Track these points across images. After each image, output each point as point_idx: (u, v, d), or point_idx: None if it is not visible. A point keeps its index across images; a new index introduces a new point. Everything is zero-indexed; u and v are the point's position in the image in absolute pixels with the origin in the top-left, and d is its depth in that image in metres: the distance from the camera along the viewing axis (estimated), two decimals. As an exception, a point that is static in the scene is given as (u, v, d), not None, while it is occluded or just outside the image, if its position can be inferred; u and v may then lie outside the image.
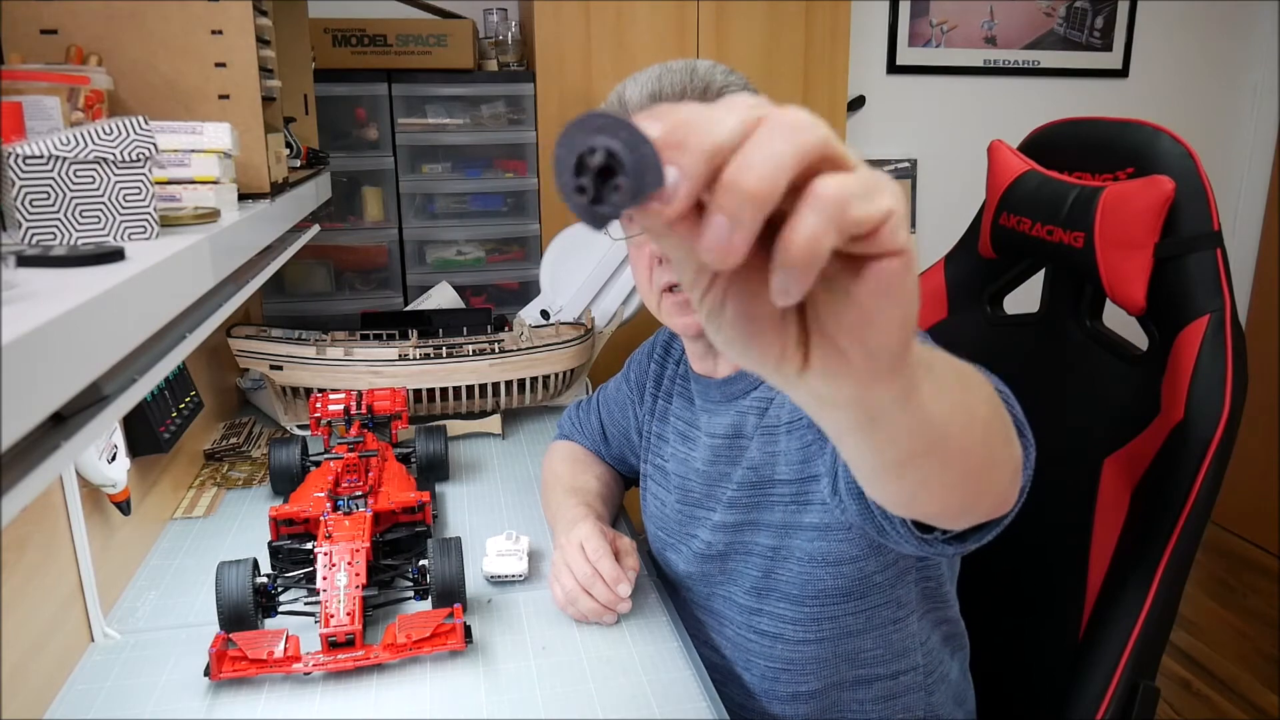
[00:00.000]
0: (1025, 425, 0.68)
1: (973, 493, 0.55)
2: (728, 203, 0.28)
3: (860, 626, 0.92)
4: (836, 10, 2.05)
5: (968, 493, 0.54)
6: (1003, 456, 0.54)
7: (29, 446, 0.43)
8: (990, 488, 0.56)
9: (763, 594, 0.94)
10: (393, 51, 1.90)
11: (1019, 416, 0.68)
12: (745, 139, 0.28)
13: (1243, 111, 2.89)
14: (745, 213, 0.28)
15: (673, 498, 1.05)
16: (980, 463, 0.51)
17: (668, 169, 0.28)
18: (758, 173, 0.27)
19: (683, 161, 0.28)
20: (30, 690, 0.82)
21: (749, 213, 0.28)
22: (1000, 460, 0.54)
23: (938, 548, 0.69)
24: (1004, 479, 0.56)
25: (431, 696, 0.86)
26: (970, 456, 0.49)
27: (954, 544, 0.68)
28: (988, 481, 0.54)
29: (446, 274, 2.00)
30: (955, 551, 0.70)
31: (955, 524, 0.63)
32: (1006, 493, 0.59)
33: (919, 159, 2.67)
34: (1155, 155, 0.98)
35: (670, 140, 0.28)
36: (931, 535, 0.68)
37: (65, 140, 0.59)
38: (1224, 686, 2.16)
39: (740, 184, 0.27)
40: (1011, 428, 0.56)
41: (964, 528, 0.65)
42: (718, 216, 0.28)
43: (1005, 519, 0.65)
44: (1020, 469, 0.59)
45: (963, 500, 0.56)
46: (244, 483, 1.33)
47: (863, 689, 0.95)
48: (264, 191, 0.97)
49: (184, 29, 0.89)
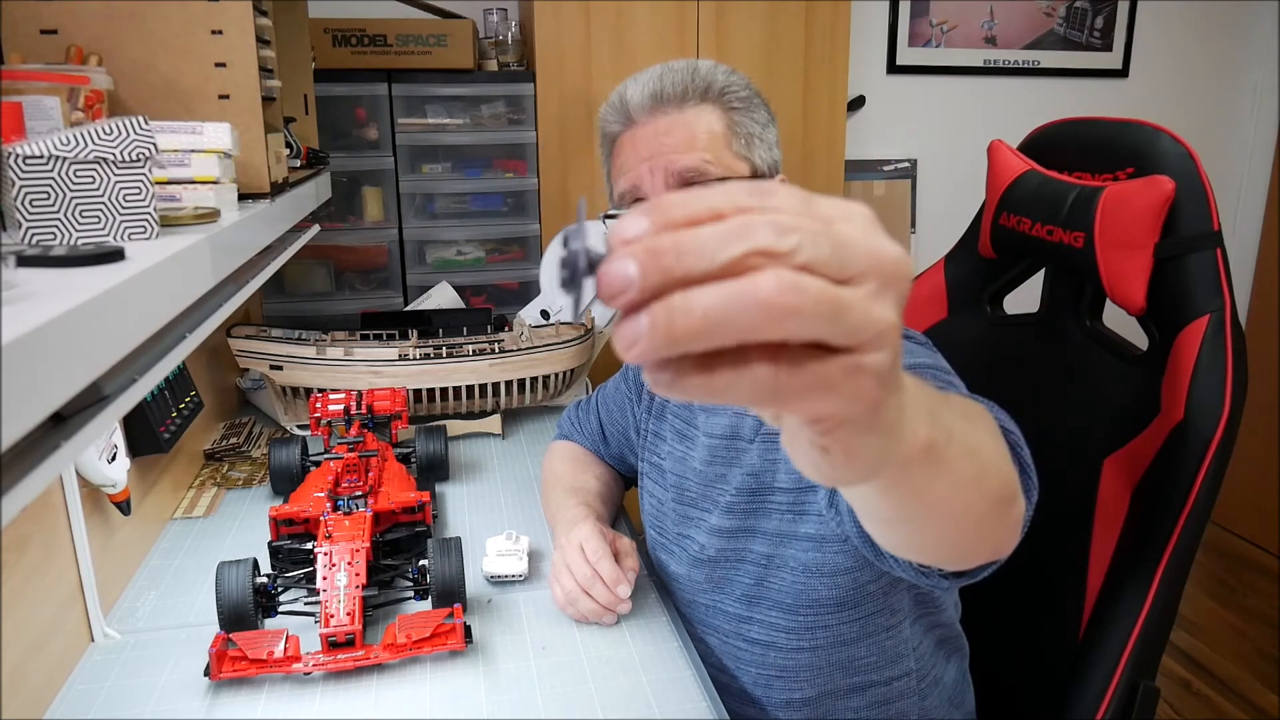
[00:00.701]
0: (1030, 466, 0.66)
1: (976, 543, 0.54)
2: (658, 322, 0.26)
3: (854, 635, 0.92)
4: (836, 10, 2.05)
5: (972, 543, 0.54)
6: (1009, 508, 0.53)
7: (29, 446, 0.43)
8: (994, 538, 0.55)
9: (754, 602, 0.94)
10: (393, 51, 1.90)
11: (1025, 458, 0.66)
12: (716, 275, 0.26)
13: (1243, 111, 2.88)
14: (663, 344, 0.26)
15: (669, 496, 1.04)
16: (985, 516, 0.50)
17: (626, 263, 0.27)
18: (694, 323, 0.26)
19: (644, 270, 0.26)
20: (30, 690, 0.82)
21: (665, 346, 0.26)
22: (1006, 512, 0.52)
23: (935, 581, 0.68)
24: (1008, 529, 0.55)
25: (431, 696, 0.86)
26: (975, 512, 0.48)
27: (951, 579, 0.67)
28: (992, 532, 0.53)
29: (446, 274, 2.00)
30: (952, 585, 0.69)
31: (956, 567, 0.62)
32: (1004, 543, 0.57)
33: (919, 159, 2.67)
34: (1155, 155, 0.98)
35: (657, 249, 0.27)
36: (930, 570, 0.67)
37: (65, 140, 0.59)
38: (1224, 686, 2.16)
39: (674, 323, 0.26)
40: (1018, 491, 0.54)
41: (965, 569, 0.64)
42: (643, 319, 0.27)
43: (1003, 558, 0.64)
44: (1020, 521, 0.58)
45: (966, 549, 0.55)
46: (244, 483, 1.33)
47: (856, 696, 0.95)
48: (264, 191, 0.97)
49: (184, 29, 0.89)
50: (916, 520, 0.45)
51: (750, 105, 0.92)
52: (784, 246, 0.26)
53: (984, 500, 0.48)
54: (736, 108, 0.91)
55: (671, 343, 0.26)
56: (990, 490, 0.48)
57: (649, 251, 0.26)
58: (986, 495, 0.48)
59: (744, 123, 0.91)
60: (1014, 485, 0.53)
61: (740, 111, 0.91)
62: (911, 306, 1.28)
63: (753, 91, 0.94)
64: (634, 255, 0.26)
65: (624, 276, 0.26)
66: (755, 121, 0.92)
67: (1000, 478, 0.50)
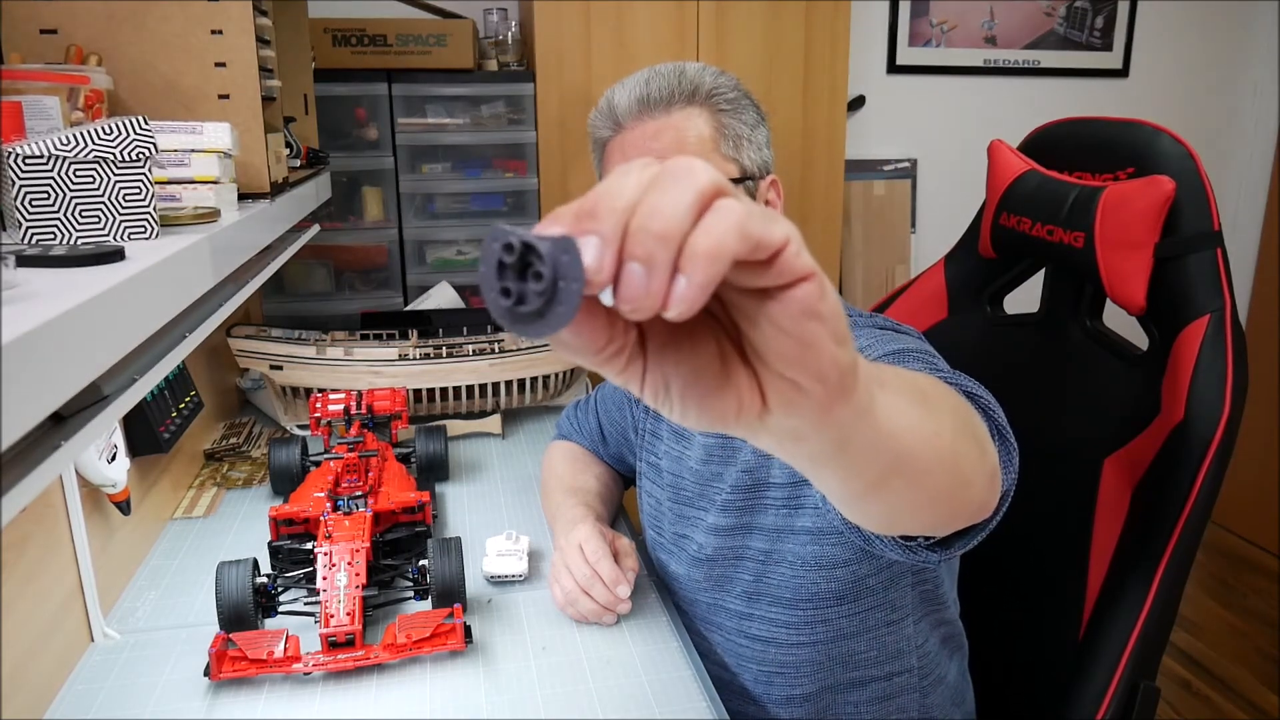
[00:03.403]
0: (1007, 429, 0.67)
1: (948, 506, 0.55)
2: (639, 248, 0.28)
3: (854, 629, 0.92)
4: (836, 10, 2.05)
5: (944, 507, 0.54)
6: (975, 466, 0.54)
7: (29, 446, 0.43)
8: (966, 498, 0.55)
9: (754, 598, 0.94)
10: (393, 51, 1.90)
11: (1000, 421, 0.67)
12: (645, 192, 0.29)
13: (1243, 111, 2.88)
14: (658, 254, 0.28)
15: (666, 495, 1.05)
16: (952, 476, 0.50)
17: (586, 241, 0.29)
18: (662, 214, 0.28)
19: (598, 227, 0.29)
20: (30, 690, 0.82)
21: (660, 253, 0.28)
22: (973, 470, 0.53)
23: (922, 555, 0.69)
24: (979, 488, 0.56)
25: (431, 696, 0.86)
26: (940, 470, 0.48)
27: (938, 550, 0.68)
28: (962, 493, 0.54)
29: (446, 274, 2.00)
30: (940, 558, 0.69)
31: (936, 533, 0.63)
32: (984, 501, 0.58)
33: (919, 159, 2.67)
34: (1155, 155, 0.98)
35: (581, 212, 0.29)
36: (914, 543, 0.68)
37: (65, 140, 0.59)
38: (1224, 686, 2.16)
39: (647, 227, 0.28)
40: (985, 435, 0.56)
41: (946, 534, 0.64)
42: (631, 265, 0.29)
43: (990, 524, 0.65)
44: (997, 475, 0.59)
45: (940, 514, 0.56)
46: (244, 483, 1.33)
47: (857, 691, 0.95)
48: (264, 191, 0.97)
49: (184, 29, 0.89)
50: (889, 476, 0.45)
51: (739, 106, 0.92)
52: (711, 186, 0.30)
53: (948, 438, 0.49)
54: (724, 109, 0.91)
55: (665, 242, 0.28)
56: (949, 429, 0.49)
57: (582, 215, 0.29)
58: (945, 433, 0.49)
59: (732, 124, 0.91)
60: (980, 429, 0.55)
61: (728, 113, 0.91)
62: (912, 306, 1.28)
63: (741, 93, 0.93)
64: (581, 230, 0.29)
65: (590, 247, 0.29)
66: (743, 123, 0.92)
67: (958, 417, 0.52)
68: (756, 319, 0.32)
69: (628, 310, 0.29)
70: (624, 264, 0.29)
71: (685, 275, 0.29)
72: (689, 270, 0.29)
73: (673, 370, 0.34)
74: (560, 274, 0.28)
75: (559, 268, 0.28)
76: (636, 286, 0.29)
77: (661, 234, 0.28)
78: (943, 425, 0.48)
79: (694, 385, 0.34)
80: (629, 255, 0.29)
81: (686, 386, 0.34)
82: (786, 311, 0.31)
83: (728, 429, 0.36)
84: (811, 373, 0.33)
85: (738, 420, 0.35)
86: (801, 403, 0.34)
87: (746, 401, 0.34)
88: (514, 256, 0.29)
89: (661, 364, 0.34)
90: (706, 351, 0.34)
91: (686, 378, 0.34)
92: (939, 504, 0.53)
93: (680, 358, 0.33)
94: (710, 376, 0.34)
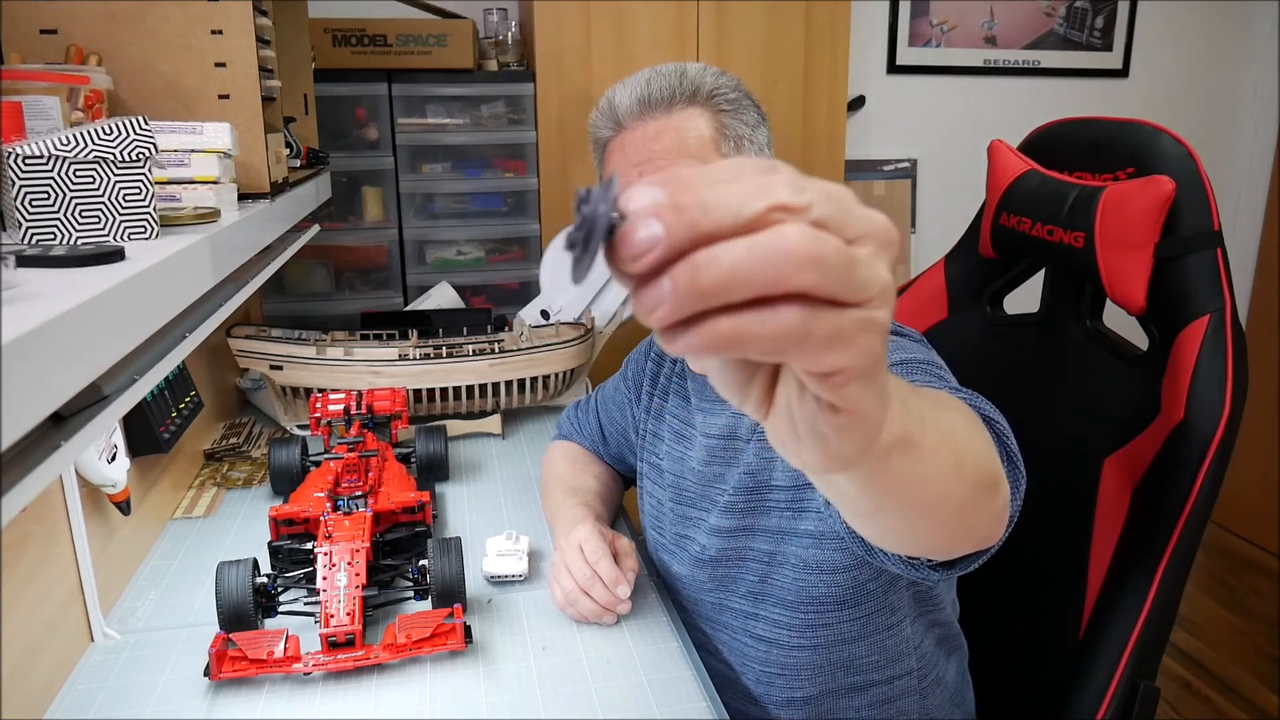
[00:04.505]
0: (1017, 455, 0.66)
1: (958, 533, 0.54)
2: (680, 281, 0.27)
3: (855, 634, 0.92)
4: (836, 10, 2.05)
5: (953, 533, 0.54)
6: (990, 498, 0.53)
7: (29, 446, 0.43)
8: (975, 527, 0.55)
9: (759, 599, 0.94)
10: (393, 51, 1.90)
11: (1011, 447, 0.66)
12: (742, 228, 0.27)
13: (1243, 111, 2.88)
14: (686, 302, 0.27)
15: (667, 496, 1.05)
16: (965, 506, 0.50)
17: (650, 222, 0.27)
18: (720, 276, 0.26)
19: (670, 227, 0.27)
20: (30, 690, 0.82)
21: (689, 304, 0.27)
22: (988, 502, 0.53)
23: (924, 573, 0.68)
24: (991, 519, 0.55)
25: (431, 696, 0.86)
26: (955, 502, 0.48)
27: (940, 570, 0.67)
28: (973, 522, 0.54)
29: (446, 274, 2.00)
30: (941, 577, 0.69)
31: (941, 558, 0.63)
32: (992, 529, 0.58)
33: (919, 159, 2.67)
34: (1155, 155, 0.98)
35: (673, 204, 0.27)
36: (918, 561, 0.67)
37: (65, 140, 0.59)
38: (1224, 686, 2.16)
39: (699, 278, 0.26)
40: (999, 471, 0.55)
41: (950, 559, 0.64)
42: (665, 281, 0.27)
43: (993, 548, 0.64)
44: (1008, 505, 0.58)
45: (948, 540, 0.56)
46: (244, 483, 1.33)
47: (858, 695, 0.95)
48: (264, 191, 0.97)
49: (184, 29, 0.89)
50: (897, 511, 0.45)
51: (739, 107, 0.92)
52: (800, 202, 0.27)
53: (962, 486, 0.48)
54: (725, 110, 0.91)
55: (696, 298, 0.27)
56: (968, 476, 0.49)
57: (674, 209, 0.27)
58: (965, 481, 0.48)
59: (733, 125, 0.91)
60: (995, 471, 0.54)
61: (729, 114, 0.91)
62: (912, 306, 1.28)
63: (742, 93, 0.93)
64: (658, 214, 0.26)
65: (649, 236, 0.27)
66: (744, 123, 0.92)
67: (979, 463, 0.51)
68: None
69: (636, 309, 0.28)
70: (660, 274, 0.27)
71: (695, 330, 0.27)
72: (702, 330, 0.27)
73: None
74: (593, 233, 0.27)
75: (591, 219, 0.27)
76: (653, 301, 0.27)
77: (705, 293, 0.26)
78: (965, 459, 0.48)
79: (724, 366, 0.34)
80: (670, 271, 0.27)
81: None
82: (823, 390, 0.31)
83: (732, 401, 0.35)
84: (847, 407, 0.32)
85: (740, 409, 0.35)
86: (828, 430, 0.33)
87: (751, 399, 0.34)
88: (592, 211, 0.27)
89: None
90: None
91: None
92: (947, 530, 0.53)
93: None
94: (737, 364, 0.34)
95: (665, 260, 0.27)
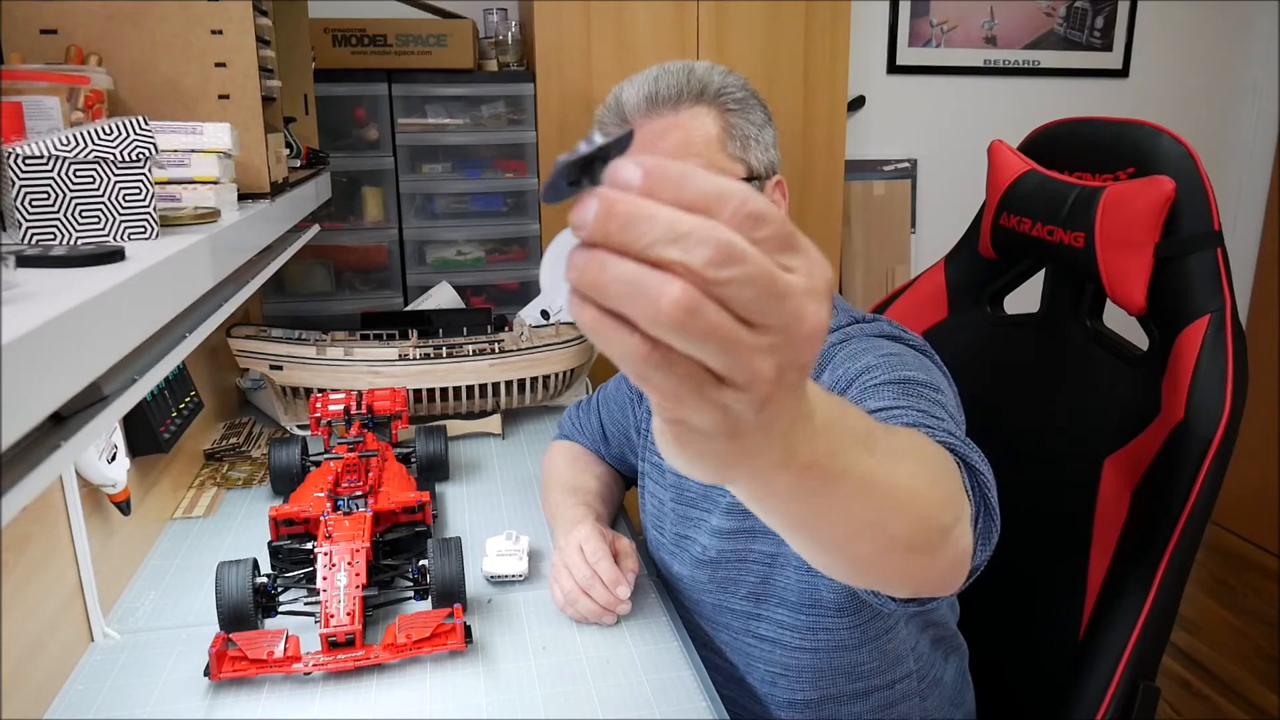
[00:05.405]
0: (995, 506, 0.64)
1: (872, 583, 0.54)
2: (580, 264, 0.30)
3: (854, 641, 0.92)
4: (836, 10, 2.05)
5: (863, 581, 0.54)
6: (915, 565, 0.51)
7: (29, 446, 0.43)
8: (900, 584, 0.55)
9: (761, 599, 0.94)
10: (393, 51, 1.90)
11: (990, 498, 0.64)
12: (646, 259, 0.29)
13: (1243, 111, 2.88)
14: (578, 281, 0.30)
15: (669, 496, 1.04)
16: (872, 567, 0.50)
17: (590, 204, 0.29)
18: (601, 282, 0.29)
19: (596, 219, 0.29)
20: (30, 690, 0.82)
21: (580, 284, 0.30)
22: (911, 567, 0.51)
23: (882, 600, 0.67)
24: (923, 577, 0.54)
25: (431, 696, 0.86)
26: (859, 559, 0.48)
27: (900, 605, 0.66)
28: (890, 580, 0.53)
29: (446, 274, 2.00)
30: (898, 608, 0.67)
31: (893, 594, 0.62)
32: (930, 586, 0.56)
33: (919, 159, 2.67)
34: (1155, 155, 0.98)
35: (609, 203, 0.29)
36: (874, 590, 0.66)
37: (65, 140, 0.59)
38: (1224, 686, 2.16)
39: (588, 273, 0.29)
40: (949, 535, 0.52)
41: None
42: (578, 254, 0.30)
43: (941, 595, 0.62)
44: (957, 566, 0.56)
45: (860, 583, 0.55)
46: (244, 483, 1.33)
47: (859, 701, 0.95)
48: (264, 191, 0.97)
49: (184, 29, 0.89)
50: (804, 541, 0.45)
51: (746, 106, 0.92)
52: (711, 275, 0.28)
53: (880, 543, 0.47)
54: (732, 109, 0.91)
55: (582, 285, 0.29)
56: (895, 536, 0.47)
57: (606, 207, 0.29)
58: (887, 539, 0.47)
59: (740, 124, 0.91)
60: (937, 531, 0.51)
61: (736, 113, 0.91)
62: (912, 307, 1.28)
63: (749, 92, 0.93)
64: (600, 200, 0.29)
65: (583, 215, 0.29)
66: (751, 123, 0.92)
67: (915, 525, 0.48)
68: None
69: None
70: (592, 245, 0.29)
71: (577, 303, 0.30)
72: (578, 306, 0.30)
73: None
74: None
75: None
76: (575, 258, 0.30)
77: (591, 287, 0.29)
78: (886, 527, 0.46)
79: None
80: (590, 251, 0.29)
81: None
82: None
83: None
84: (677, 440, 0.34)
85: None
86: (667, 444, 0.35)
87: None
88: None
89: None
90: None
91: None
92: (860, 577, 0.53)
93: None
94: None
95: (589, 241, 0.29)
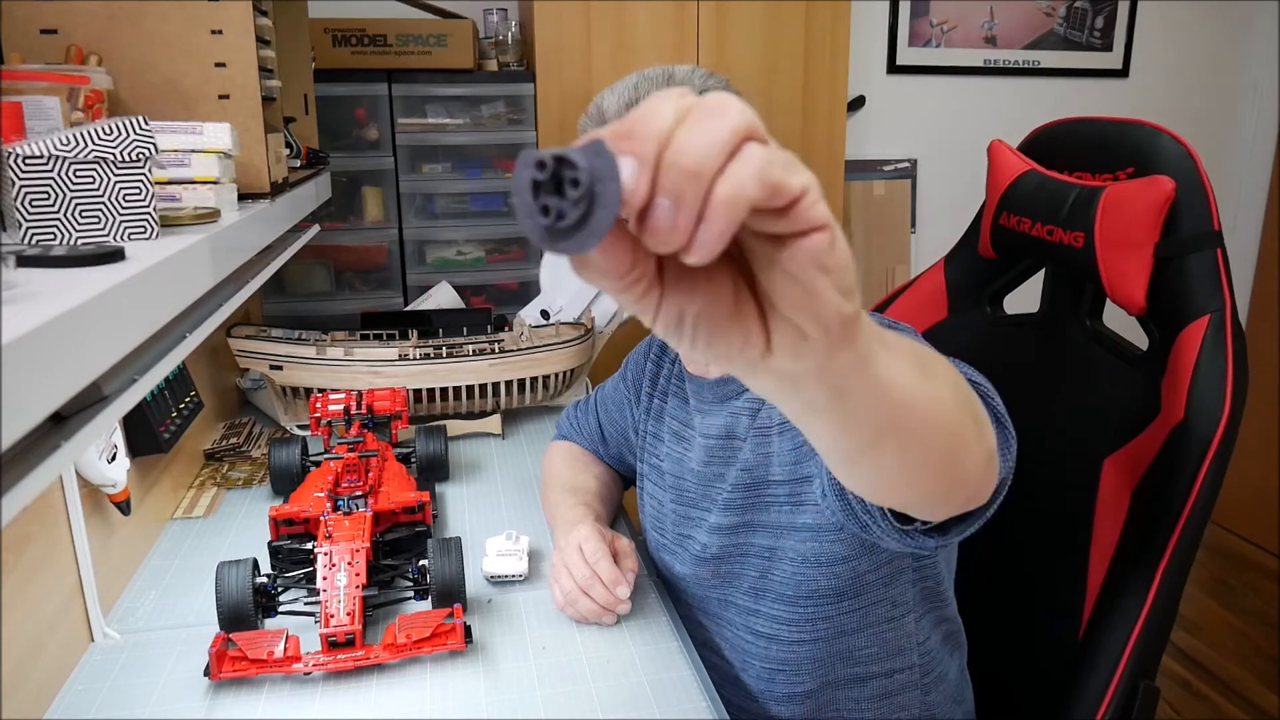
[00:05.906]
0: (1005, 417, 0.68)
1: (944, 478, 0.55)
2: (669, 181, 0.29)
3: (854, 625, 0.92)
4: (836, 10, 2.05)
5: (937, 478, 0.54)
6: (972, 439, 0.54)
7: (29, 446, 0.43)
8: (962, 474, 0.56)
9: (760, 594, 0.94)
10: (393, 51, 1.90)
11: (998, 408, 0.68)
12: (680, 124, 0.30)
13: (1243, 111, 2.88)
14: (686, 190, 0.29)
15: (668, 497, 1.05)
16: (946, 444, 0.51)
17: (623, 160, 0.29)
18: (695, 151, 0.29)
19: (635, 148, 0.29)
20: (30, 690, 0.82)
21: (689, 190, 0.29)
22: (970, 444, 0.54)
23: (918, 540, 0.69)
24: (977, 465, 0.56)
25: (431, 696, 0.86)
26: (935, 436, 0.49)
27: (934, 535, 0.68)
28: (959, 466, 0.54)
29: (446, 274, 2.00)
30: (936, 544, 0.70)
31: (932, 514, 0.63)
32: (981, 480, 0.59)
33: (919, 159, 2.67)
34: (1155, 155, 0.98)
35: (617, 134, 0.29)
36: (911, 527, 0.68)
37: (65, 140, 0.59)
38: (1224, 686, 2.16)
39: (679, 162, 0.29)
40: (983, 416, 0.56)
41: (943, 518, 0.65)
42: (661, 199, 0.29)
43: (986, 511, 0.65)
44: (995, 456, 0.59)
45: (934, 486, 0.56)
46: (244, 483, 1.33)
47: (858, 688, 0.95)
48: (264, 191, 0.97)
49: (184, 29, 0.89)
50: (883, 441, 0.46)
51: None
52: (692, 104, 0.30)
53: (946, 406, 0.49)
54: None
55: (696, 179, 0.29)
56: (947, 398, 0.49)
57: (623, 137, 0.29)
58: (943, 401, 0.49)
59: None
60: (978, 406, 0.55)
61: None
62: (911, 306, 1.28)
63: (733, 93, 0.93)
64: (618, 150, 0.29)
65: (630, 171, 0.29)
66: None
67: (956, 389, 0.52)
68: (768, 264, 0.33)
69: (653, 243, 0.30)
70: (655, 195, 0.29)
71: (704, 223, 0.29)
72: (708, 218, 0.29)
73: (687, 301, 0.34)
74: (597, 176, 0.28)
75: (595, 169, 0.28)
76: (664, 220, 0.29)
77: (693, 171, 0.29)
78: (941, 393, 0.49)
79: (706, 317, 0.34)
80: (660, 188, 0.29)
81: (699, 318, 0.34)
82: (796, 259, 0.32)
83: (731, 365, 0.36)
84: (815, 320, 0.34)
85: (742, 355, 0.36)
86: (803, 348, 0.35)
87: (753, 339, 0.35)
88: (547, 173, 0.29)
89: (677, 294, 0.34)
90: (721, 286, 0.34)
91: (700, 309, 0.34)
92: (933, 473, 0.53)
93: (695, 290, 0.34)
94: (723, 310, 0.34)
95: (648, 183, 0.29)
